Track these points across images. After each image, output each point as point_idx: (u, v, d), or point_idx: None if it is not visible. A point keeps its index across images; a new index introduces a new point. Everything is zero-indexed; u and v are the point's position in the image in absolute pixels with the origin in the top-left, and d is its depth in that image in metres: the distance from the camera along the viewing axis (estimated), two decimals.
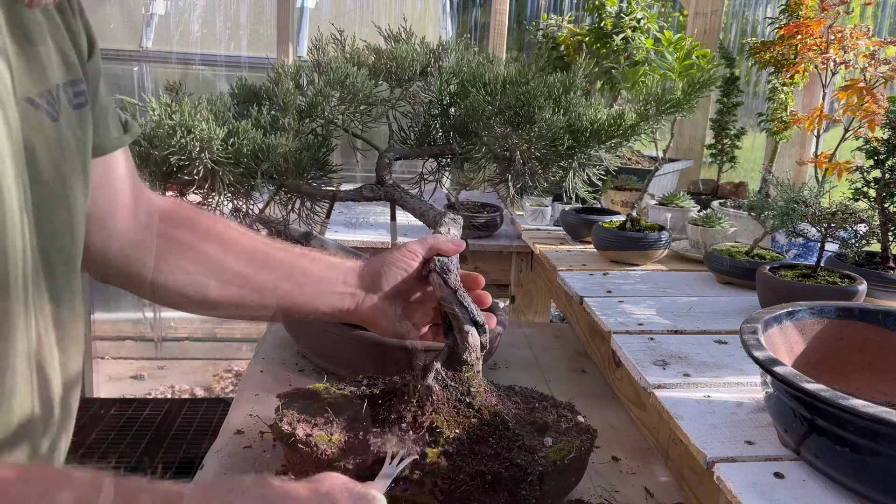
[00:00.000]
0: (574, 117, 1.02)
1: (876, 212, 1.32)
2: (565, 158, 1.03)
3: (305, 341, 1.26)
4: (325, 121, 1.02)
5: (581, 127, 1.03)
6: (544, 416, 0.91)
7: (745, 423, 0.89)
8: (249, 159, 0.95)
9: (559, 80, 1.06)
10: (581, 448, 0.85)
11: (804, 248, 1.62)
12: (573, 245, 1.87)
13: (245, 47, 4.54)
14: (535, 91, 0.97)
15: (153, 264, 0.81)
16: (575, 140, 1.03)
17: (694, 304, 1.37)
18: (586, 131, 1.03)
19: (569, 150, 1.03)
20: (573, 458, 0.83)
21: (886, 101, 1.41)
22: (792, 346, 0.92)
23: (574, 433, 0.88)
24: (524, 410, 0.92)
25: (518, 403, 0.93)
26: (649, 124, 1.05)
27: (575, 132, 1.03)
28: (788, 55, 1.84)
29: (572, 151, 1.03)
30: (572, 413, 0.94)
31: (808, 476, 0.77)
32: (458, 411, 0.85)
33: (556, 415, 0.92)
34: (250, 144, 0.94)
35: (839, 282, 1.23)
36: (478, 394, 0.87)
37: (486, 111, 0.97)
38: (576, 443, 0.85)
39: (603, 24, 2.52)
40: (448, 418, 0.84)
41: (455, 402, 0.86)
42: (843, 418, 0.68)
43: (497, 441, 0.82)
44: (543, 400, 0.97)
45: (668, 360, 1.07)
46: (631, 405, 1.16)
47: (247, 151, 0.94)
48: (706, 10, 2.79)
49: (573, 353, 1.45)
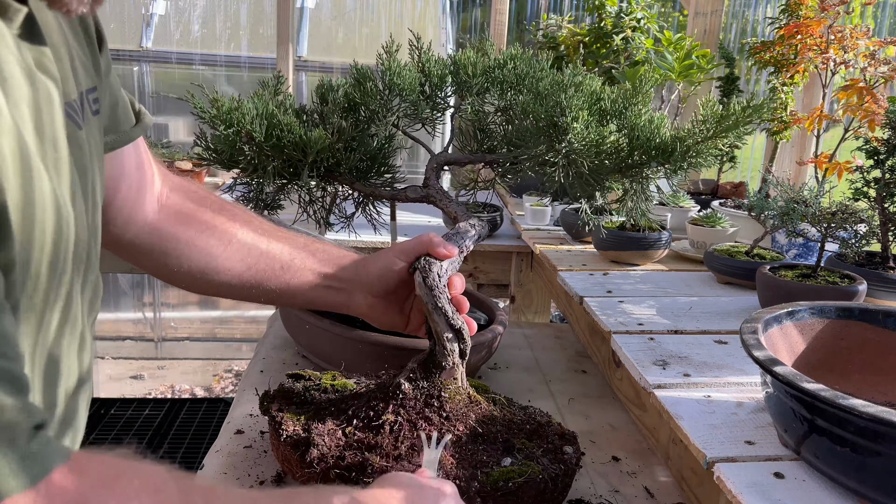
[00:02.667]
0: (639, 136, 0.92)
1: (876, 212, 1.32)
2: (617, 175, 0.95)
3: (305, 341, 1.26)
4: (390, 124, 1.03)
5: (648, 145, 0.93)
6: (520, 436, 0.86)
7: (745, 423, 0.89)
8: (291, 150, 0.96)
9: (619, 92, 0.95)
10: (540, 476, 0.79)
11: (804, 248, 1.62)
12: (573, 245, 1.87)
13: (245, 47, 4.54)
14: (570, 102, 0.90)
15: (176, 248, 0.85)
16: (633, 158, 0.93)
17: (694, 304, 1.37)
18: (649, 148, 0.93)
19: (622, 168, 0.94)
20: (522, 482, 0.77)
21: (886, 101, 1.41)
22: (792, 346, 0.92)
23: (546, 460, 0.83)
24: (503, 427, 0.87)
25: (503, 419, 0.89)
26: (711, 145, 0.92)
27: (633, 149, 0.94)
28: (788, 55, 1.84)
29: (626, 170, 0.94)
30: (562, 440, 0.88)
31: (808, 476, 0.77)
32: (420, 415, 0.83)
33: (542, 439, 0.87)
34: (293, 137, 0.95)
35: (839, 282, 1.23)
36: (449, 400, 0.85)
37: (530, 126, 0.93)
38: (535, 468, 0.80)
39: (603, 24, 2.52)
40: (408, 420, 0.82)
41: (422, 406, 0.84)
42: (843, 418, 0.68)
43: None
44: (542, 423, 0.91)
45: (668, 360, 1.07)
46: (631, 405, 1.16)
47: (287, 143, 0.95)
48: (706, 10, 2.79)
49: (573, 353, 1.45)
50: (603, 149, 0.90)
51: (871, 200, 1.33)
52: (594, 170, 0.92)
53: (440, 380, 0.86)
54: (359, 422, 0.84)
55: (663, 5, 3.10)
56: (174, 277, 0.87)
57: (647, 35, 2.52)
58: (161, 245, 0.85)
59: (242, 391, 1.17)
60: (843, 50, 1.58)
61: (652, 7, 2.58)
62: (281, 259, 0.88)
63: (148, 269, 0.88)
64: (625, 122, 0.93)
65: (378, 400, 0.85)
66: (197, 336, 4.54)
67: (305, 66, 4.44)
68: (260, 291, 0.88)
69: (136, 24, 4.35)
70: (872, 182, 1.32)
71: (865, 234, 1.28)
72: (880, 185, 1.31)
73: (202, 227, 0.87)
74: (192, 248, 0.85)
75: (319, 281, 0.89)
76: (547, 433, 0.89)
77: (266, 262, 0.87)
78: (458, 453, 0.81)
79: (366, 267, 0.89)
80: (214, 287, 0.88)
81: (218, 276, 0.86)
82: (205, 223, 0.87)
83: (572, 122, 0.88)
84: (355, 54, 4.57)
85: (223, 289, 0.88)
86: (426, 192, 0.97)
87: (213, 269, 0.86)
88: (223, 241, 0.87)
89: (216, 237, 0.86)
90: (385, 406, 0.84)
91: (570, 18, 2.73)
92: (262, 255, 0.87)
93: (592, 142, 0.89)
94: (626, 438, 1.08)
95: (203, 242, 0.86)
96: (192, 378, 4.24)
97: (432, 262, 0.84)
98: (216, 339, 4.55)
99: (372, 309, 0.90)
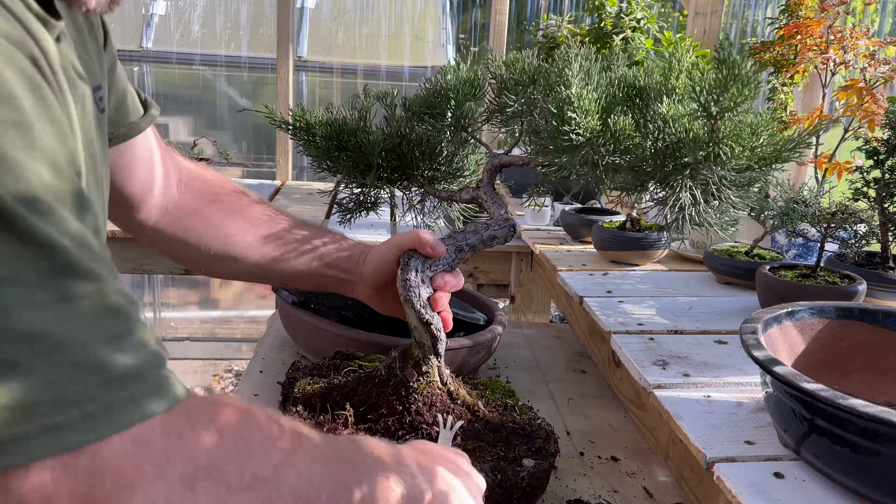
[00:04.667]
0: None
1: (876, 212, 1.32)
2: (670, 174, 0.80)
3: (305, 341, 1.26)
4: (461, 127, 1.03)
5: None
6: (484, 439, 0.85)
7: (745, 423, 0.89)
8: (355, 153, 1.01)
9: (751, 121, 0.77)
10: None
11: (804, 248, 1.62)
12: (573, 245, 1.87)
13: (245, 47, 4.54)
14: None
15: (196, 233, 0.89)
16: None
17: (694, 304, 1.37)
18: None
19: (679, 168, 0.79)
20: None
21: (886, 101, 1.41)
22: (792, 346, 0.92)
23: (487, 468, 0.80)
24: (470, 431, 0.86)
25: (475, 422, 0.88)
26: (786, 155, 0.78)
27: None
28: (788, 55, 1.84)
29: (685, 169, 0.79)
30: (530, 455, 0.84)
31: (808, 476, 0.77)
32: (385, 400, 0.87)
33: (509, 446, 0.85)
34: (351, 138, 1.00)
35: (839, 282, 1.23)
36: (417, 392, 0.86)
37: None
38: None
39: (603, 25, 2.52)
40: (376, 401, 0.87)
41: (391, 393, 0.87)
42: (843, 418, 0.68)
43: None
44: (523, 429, 0.89)
45: (667, 360, 1.07)
46: (631, 405, 1.16)
47: (351, 146, 1.00)
48: (706, 10, 2.79)
49: (573, 353, 1.45)
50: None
51: (870, 200, 1.33)
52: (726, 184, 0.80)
53: (407, 372, 0.88)
54: (337, 393, 0.91)
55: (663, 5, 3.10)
56: (194, 262, 0.91)
57: (647, 35, 2.52)
58: (181, 230, 0.88)
59: (242, 391, 1.17)
60: (842, 50, 1.58)
61: (652, 7, 2.58)
62: (294, 245, 0.92)
63: (171, 255, 0.92)
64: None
65: (368, 380, 0.91)
66: (197, 336, 4.54)
67: (305, 67, 4.44)
68: (273, 275, 0.93)
69: (136, 24, 4.35)
70: (872, 182, 1.32)
71: (865, 235, 1.28)
72: (880, 185, 1.31)
73: (221, 212, 0.90)
74: (212, 232, 0.89)
75: (325, 270, 0.93)
76: (513, 441, 0.86)
77: (280, 248, 0.91)
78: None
79: (364, 260, 0.93)
80: (232, 271, 0.92)
81: (236, 260, 0.90)
82: (224, 208, 0.91)
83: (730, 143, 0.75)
84: (355, 54, 4.57)
85: (241, 272, 0.92)
86: (476, 193, 0.98)
87: (231, 253, 0.90)
88: (241, 226, 0.90)
89: (234, 222, 0.90)
90: (365, 388, 0.89)
91: (570, 19, 2.73)
92: (277, 240, 0.91)
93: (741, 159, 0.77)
94: (626, 438, 1.08)
95: (222, 226, 0.89)
96: (193, 378, 4.24)
97: (412, 257, 0.87)
98: (216, 339, 4.55)
99: (372, 298, 0.95)
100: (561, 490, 0.90)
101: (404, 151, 1.01)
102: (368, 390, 0.89)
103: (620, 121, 0.80)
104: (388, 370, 0.89)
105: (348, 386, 0.92)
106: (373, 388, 0.89)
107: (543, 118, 0.87)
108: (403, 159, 1.01)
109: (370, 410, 0.88)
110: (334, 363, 1.03)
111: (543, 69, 0.96)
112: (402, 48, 4.56)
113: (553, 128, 0.82)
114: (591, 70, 0.84)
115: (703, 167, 0.78)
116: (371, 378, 0.90)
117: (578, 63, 0.83)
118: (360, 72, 4.56)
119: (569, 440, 1.05)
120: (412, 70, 4.58)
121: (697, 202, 0.79)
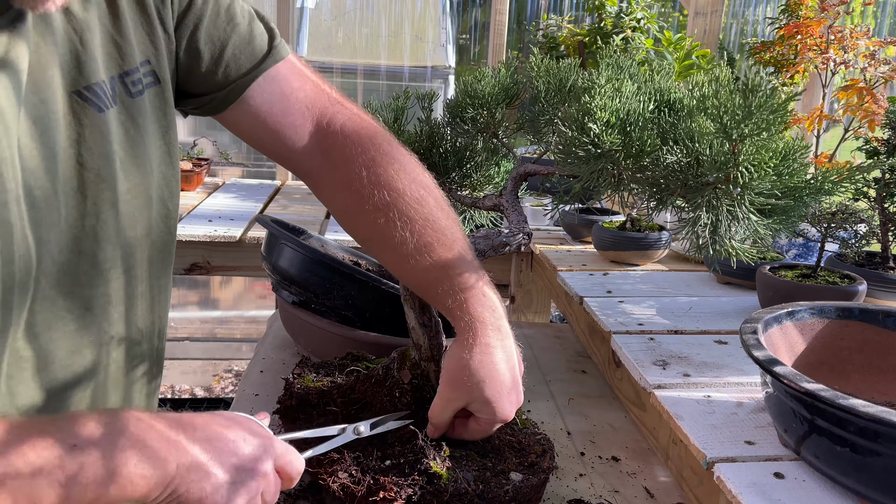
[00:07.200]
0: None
1: (876, 212, 1.32)
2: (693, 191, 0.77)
3: (305, 341, 1.26)
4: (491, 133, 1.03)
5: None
6: (465, 451, 0.82)
7: (745, 423, 0.89)
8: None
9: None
10: (450, 488, 0.74)
11: (804, 248, 1.62)
12: (573, 245, 1.87)
13: None
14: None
15: (337, 175, 0.82)
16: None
17: (694, 304, 1.37)
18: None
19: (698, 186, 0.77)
20: None
21: (886, 101, 1.41)
22: (792, 346, 0.92)
23: (470, 476, 0.77)
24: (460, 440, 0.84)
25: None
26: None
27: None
28: (788, 55, 1.84)
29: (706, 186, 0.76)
30: (520, 470, 0.81)
31: (808, 476, 0.77)
32: (377, 397, 0.88)
33: (499, 457, 0.82)
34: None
35: (839, 282, 1.23)
36: (406, 395, 0.86)
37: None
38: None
39: (603, 24, 2.52)
40: (370, 397, 0.88)
41: (385, 392, 0.87)
42: (843, 418, 0.68)
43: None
44: (516, 441, 0.86)
45: (668, 361, 1.07)
46: (631, 405, 1.16)
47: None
48: (706, 10, 2.79)
49: (573, 353, 1.45)
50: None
51: (871, 200, 1.33)
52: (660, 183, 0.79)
53: (402, 373, 0.88)
54: (336, 391, 0.92)
55: (663, 5, 3.11)
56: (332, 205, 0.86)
57: (647, 35, 2.52)
58: (328, 167, 0.82)
59: (242, 391, 1.17)
60: (842, 50, 1.58)
61: (652, 7, 2.58)
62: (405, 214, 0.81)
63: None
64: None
65: (366, 380, 0.91)
66: (197, 336, 4.53)
67: None
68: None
69: None
70: (872, 182, 1.32)
71: (865, 234, 1.28)
72: (880, 185, 1.31)
73: (368, 160, 0.81)
74: (356, 177, 0.80)
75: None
76: (506, 453, 0.84)
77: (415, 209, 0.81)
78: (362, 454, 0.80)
79: None
80: (362, 228, 0.84)
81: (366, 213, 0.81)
82: (378, 152, 0.82)
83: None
84: (355, 54, 4.57)
85: (369, 230, 0.83)
86: (499, 200, 0.98)
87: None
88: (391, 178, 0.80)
89: (385, 173, 0.81)
90: (363, 387, 0.90)
91: (570, 18, 2.73)
92: (413, 201, 0.81)
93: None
94: (626, 438, 1.08)
95: (370, 173, 0.80)
96: (193, 378, 4.24)
97: None
98: (216, 339, 4.54)
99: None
100: (561, 490, 0.90)
101: (434, 156, 1.01)
102: (365, 389, 0.90)
103: (645, 135, 0.77)
104: (386, 371, 0.89)
105: (347, 385, 0.93)
106: (369, 388, 0.89)
107: (567, 126, 0.85)
108: (435, 168, 1.00)
109: (363, 409, 0.88)
110: (342, 363, 1.03)
111: (575, 76, 0.96)
112: (402, 48, 4.56)
113: (571, 137, 0.80)
114: (622, 85, 0.81)
115: (723, 188, 0.75)
116: (369, 378, 0.91)
117: (606, 76, 0.82)
118: (360, 72, 4.56)
119: (569, 440, 1.05)
120: (412, 70, 4.57)
121: (718, 222, 0.76)
